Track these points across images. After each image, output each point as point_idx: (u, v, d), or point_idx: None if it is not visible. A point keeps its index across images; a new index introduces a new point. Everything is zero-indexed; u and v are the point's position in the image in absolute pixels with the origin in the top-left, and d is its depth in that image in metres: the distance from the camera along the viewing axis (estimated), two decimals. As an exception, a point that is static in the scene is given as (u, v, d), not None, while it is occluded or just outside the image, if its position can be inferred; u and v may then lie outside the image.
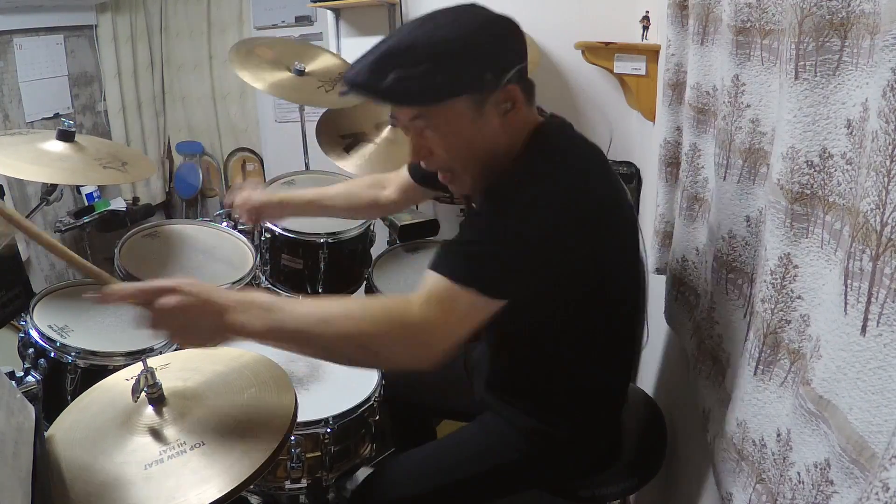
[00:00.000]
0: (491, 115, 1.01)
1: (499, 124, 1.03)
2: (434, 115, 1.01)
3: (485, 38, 0.98)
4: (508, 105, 1.02)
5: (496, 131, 1.03)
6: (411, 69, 0.93)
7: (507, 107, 1.02)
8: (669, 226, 1.44)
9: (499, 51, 1.00)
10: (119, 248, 1.74)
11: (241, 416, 0.99)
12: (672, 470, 1.45)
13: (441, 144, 1.04)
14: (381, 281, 1.90)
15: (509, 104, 1.02)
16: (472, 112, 1.00)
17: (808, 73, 0.68)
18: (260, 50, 2.25)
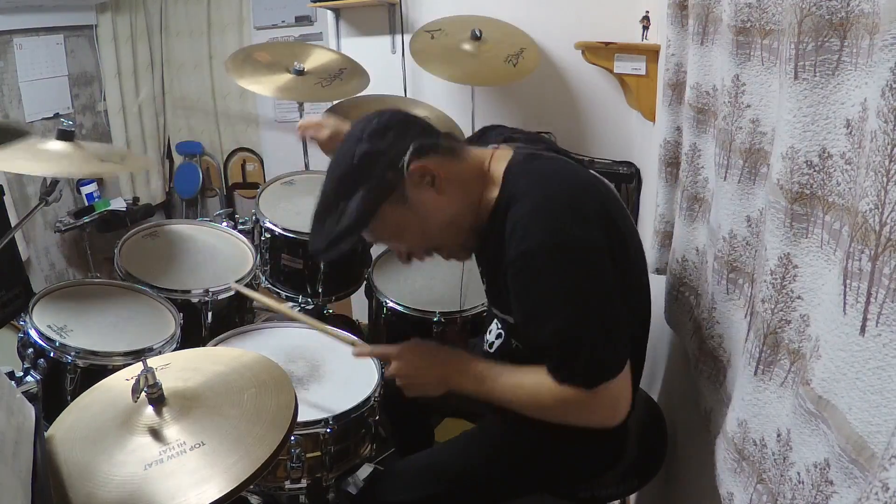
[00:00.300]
0: (420, 196, 1.06)
1: (434, 198, 1.07)
2: (377, 231, 1.10)
3: (365, 150, 1.04)
4: (429, 178, 1.06)
5: (437, 204, 1.07)
6: (333, 217, 1.05)
7: (428, 180, 1.06)
8: (669, 226, 1.44)
9: (383, 151, 1.04)
10: (119, 248, 1.74)
11: (241, 416, 0.99)
12: (672, 470, 1.45)
13: (406, 244, 1.14)
14: (381, 281, 1.90)
15: (429, 177, 1.05)
16: (401, 209, 1.06)
17: (807, 73, 0.68)
18: (258, 55, 2.25)
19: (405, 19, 2.63)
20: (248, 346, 1.48)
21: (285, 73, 2.23)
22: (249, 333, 1.56)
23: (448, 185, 1.07)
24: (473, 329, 1.74)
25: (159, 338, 1.48)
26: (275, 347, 1.49)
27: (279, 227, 1.92)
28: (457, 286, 1.87)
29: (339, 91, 2.23)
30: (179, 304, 1.64)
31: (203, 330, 1.71)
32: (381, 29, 2.68)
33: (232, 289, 1.69)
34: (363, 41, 2.75)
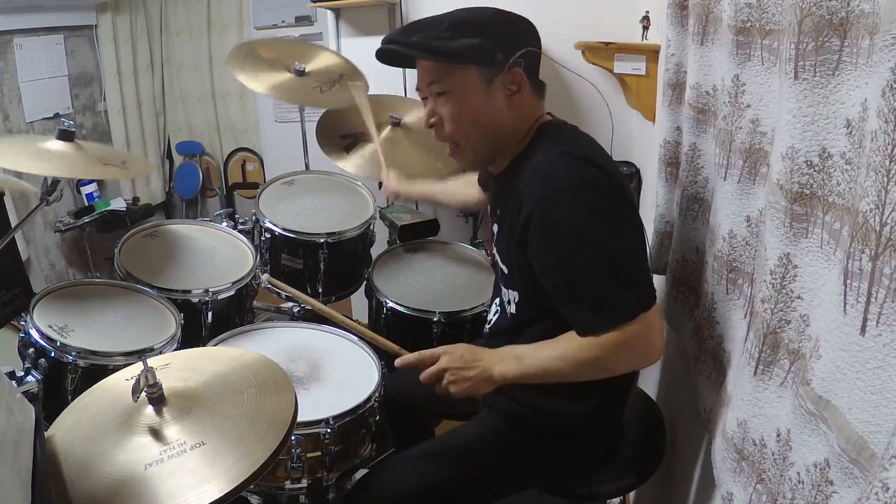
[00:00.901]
0: (497, 92, 1.14)
1: (504, 103, 1.15)
2: (448, 78, 1.14)
3: (501, 24, 1.14)
4: (514, 88, 1.14)
5: (500, 109, 1.15)
6: (434, 33, 1.12)
7: (514, 89, 1.14)
8: (669, 226, 1.44)
9: (511, 37, 1.14)
10: (119, 248, 1.74)
11: (241, 416, 0.99)
12: (672, 469, 1.45)
13: (449, 111, 1.17)
14: (381, 281, 1.90)
15: (514, 87, 1.14)
16: (481, 84, 1.13)
17: (807, 73, 0.68)
18: (261, 49, 2.25)
19: (405, 19, 2.63)
20: (249, 346, 1.48)
21: (286, 72, 2.22)
22: (249, 333, 1.55)
23: (518, 106, 1.16)
24: (473, 329, 1.74)
25: (160, 338, 1.48)
26: (275, 347, 1.49)
27: (279, 227, 1.92)
28: (456, 286, 1.87)
29: (336, 98, 2.22)
30: (179, 304, 1.64)
31: (203, 330, 1.71)
32: (381, 29, 2.67)
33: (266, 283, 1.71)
34: (363, 41, 2.75)
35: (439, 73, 1.15)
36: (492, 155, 1.22)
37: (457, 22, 1.12)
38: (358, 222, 1.98)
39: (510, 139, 1.19)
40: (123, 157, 1.62)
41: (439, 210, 2.72)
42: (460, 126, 1.18)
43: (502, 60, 1.12)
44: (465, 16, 1.13)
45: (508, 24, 1.15)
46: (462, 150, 1.21)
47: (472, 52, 1.10)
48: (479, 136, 1.18)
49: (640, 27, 2.05)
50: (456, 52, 1.11)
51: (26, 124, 3.39)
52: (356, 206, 2.08)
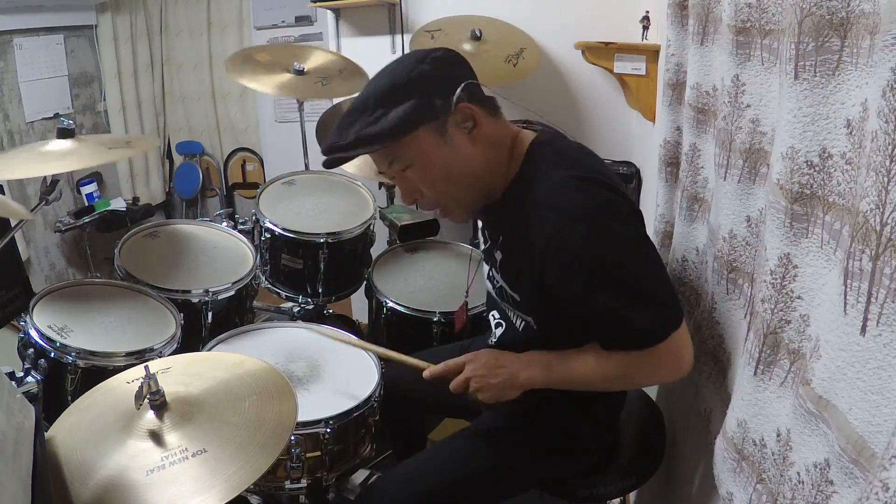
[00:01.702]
0: (456, 137, 1.07)
1: (468, 144, 1.08)
2: (403, 152, 1.07)
3: (425, 70, 1.05)
4: (470, 124, 1.07)
5: (467, 151, 1.08)
6: (368, 119, 1.04)
7: (469, 125, 1.08)
8: (669, 226, 1.44)
9: (441, 78, 1.06)
10: (119, 248, 1.74)
11: (243, 423, 0.99)
12: (672, 469, 1.45)
13: (422, 180, 1.10)
14: (381, 281, 1.90)
15: (470, 122, 1.07)
16: (436, 139, 1.06)
17: (807, 73, 0.68)
18: (258, 55, 2.26)
19: (405, 19, 2.63)
20: (249, 347, 1.48)
21: (286, 73, 2.23)
22: (249, 334, 1.55)
23: (482, 139, 1.09)
24: (473, 329, 1.74)
25: (160, 338, 1.48)
26: (275, 348, 1.49)
27: (279, 227, 1.92)
28: (456, 286, 1.87)
29: (338, 89, 2.23)
30: (179, 304, 1.64)
31: (203, 330, 1.71)
32: (381, 29, 2.67)
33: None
34: (363, 41, 2.75)
35: (393, 152, 1.08)
36: (482, 199, 1.16)
37: (381, 95, 1.04)
38: (358, 222, 1.99)
39: (494, 173, 1.13)
40: (127, 139, 1.62)
41: (439, 210, 2.72)
42: (438, 188, 1.11)
43: (444, 105, 1.04)
44: (386, 83, 1.06)
45: (432, 66, 1.06)
46: (451, 209, 1.16)
47: (410, 117, 1.03)
48: (461, 188, 1.12)
49: (640, 27, 2.05)
50: (395, 126, 1.03)
51: (26, 124, 3.40)
52: (356, 206, 2.09)
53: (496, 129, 1.12)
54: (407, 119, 1.02)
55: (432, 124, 1.05)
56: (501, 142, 1.12)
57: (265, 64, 2.23)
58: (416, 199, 1.15)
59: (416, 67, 1.05)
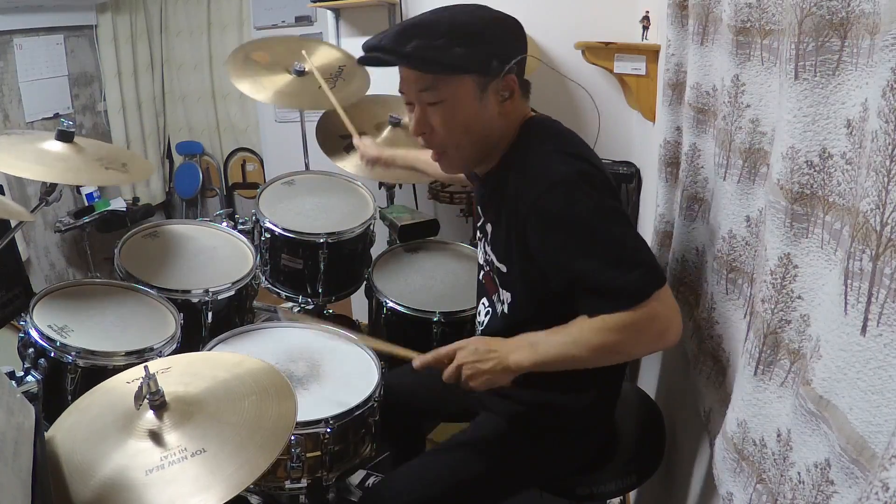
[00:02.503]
0: (491, 99, 1.13)
1: (496, 110, 1.14)
2: (442, 87, 1.11)
3: (497, 29, 1.11)
4: (507, 94, 1.13)
5: (493, 116, 1.14)
6: (432, 41, 1.06)
7: (506, 95, 1.13)
8: (669, 226, 1.44)
9: (506, 43, 1.12)
10: (119, 248, 1.74)
11: (243, 423, 0.99)
12: (672, 469, 1.45)
13: (441, 120, 1.14)
14: (381, 281, 1.90)
15: (507, 93, 1.13)
16: (475, 92, 1.11)
17: (807, 73, 0.68)
18: (256, 56, 2.24)
19: (405, 19, 2.63)
20: (249, 346, 1.48)
21: (285, 73, 2.22)
22: (249, 333, 1.55)
23: (508, 111, 1.15)
24: (473, 329, 1.74)
25: (160, 338, 1.48)
26: (275, 347, 1.49)
27: (279, 227, 1.92)
28: (456, 286, 1.87)
29: (342, 94, 2.22)
30: (179, 304, 1.64)
31: (203, 330, 1.71)
32: (380, 29, 2.65)
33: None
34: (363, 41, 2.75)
35: (432, 82, 1.11)
36: (480, 159, 1.21)
37: (455, 27, 1.07)
38: (358, 222, 1.99)
39: (499, 142, 1.18)
40: (124, 159, 1.61)
41: (439, 210, 2.72)
42: (452, 134, 1.15)
43: (498, 68, 1.09)
44: (463, 21, 1.09)
45: (504, 29, 1.12)
46: (450, 156, 1.20)
47: (469, 62, 1.07)
48: (470, 143, 1.17)
49: (640, 27, 2.05)
50: (453, 62, 1.07)
51: (26, 124, 3.39)
52: (356, 206, 2.09)
53: (520, 109, 1.19)
54: (465, 61, 1.07)
55: (481, 78, 1.10)
56: (518, 119, 1.19)
57: (264, 65, 2.22)
58: (424, 133, 1.17)
59: (493, 22, 1.11)
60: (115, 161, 1.58)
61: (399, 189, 2.55)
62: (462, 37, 1.07)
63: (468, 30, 1.08)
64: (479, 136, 1.16)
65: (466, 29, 1.08)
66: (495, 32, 1.11)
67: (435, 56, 1.06)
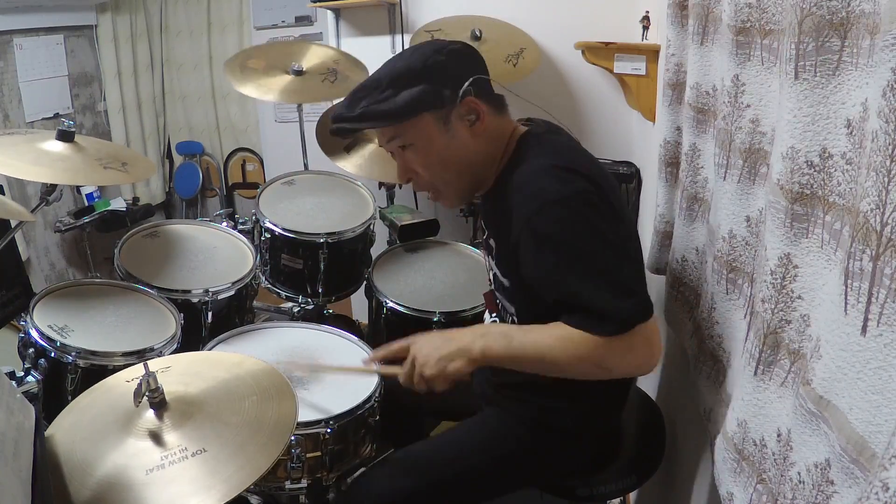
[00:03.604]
0: (458, 127, 1.13)
1: (467, 135, 1.13)
2: (405, 133, 1.13)
3: (439, 60, 1.10)
4: (472, 117, 1.13)
5: (466, 142, 1.13)
6: (377, 96, 1.09)
7: (472, 118, 1.13)
8: (669, 226, 1.44)
9: (452, 70, 1.11)
10: (119, 248, 1.74)
11: (243, 424, 0.99)
12: (672, 470, 1.45)
13: (419, 161, 1.15)
14: (381, 281, 1.90)
15: (473, 116, 1.13)
16: (438, 126, 1.12)
17: (807, 73, 0.68)
18: (251, 63, 2.25)
19: (405, 19, 2.63)
20: (249, 347, 1.48)
21: (284, 74, 2.22)
22: (249, 333, 1.55)
23: (483, 132, 1.14)
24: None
25: (160, 338, 1.48)
26: (275, 348, 1.49)
27: (279, 227, 1.92)
28: (456, 286, 1.87)
29: (342, 89, 2.22)
30: (179, 304, 1.64)
31: (203, 330, 1.71)
32: (381, 29, 2.67)
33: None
34: (363, 41, 2.75)
35: (395, 130, 1.14)
36: (473, 187, 1.21)
37: (394, 76, 1.10)
38: (358, 222, 1.99)
39: (487, 165, 1.17)
40: (124, 158, 1.61)
41: (439, 210, 2.72)
42: (434, 172, 1.16)
43: (451, 96, 1.10)
44: (401, 66, 1.11)
45: (446, 57, 1.11)
46: (443, 193, 1.21)
47: (418, 102, 1.08)
48: (455, 176, 1.17)
49: (640, 27, 2.05)
50: (402, 108, 1.08)
51: (26, 124, 3.39)
52: (356, 206, 2.09)
53: (498, 125, 1.17)
54: (413, 103, 1.08)
55: (437, 112, 1.11)
56: (500, 137, 1.17)
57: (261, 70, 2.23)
58: (410, 179, 1.20)
59: (431, 56, 1.10)
60: (115, 161, 1.58)
61: (399, 189, 2.55)
62: (404, 82, 1.08)
63: (408, 73, 1.09)
64: (460, 166, 1.16)
65: (406, 73, 1.09)
66: (438, 63, 1.10)
67: (384, 109, 1.09)
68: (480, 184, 1.20)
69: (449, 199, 1.22)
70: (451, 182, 1.18)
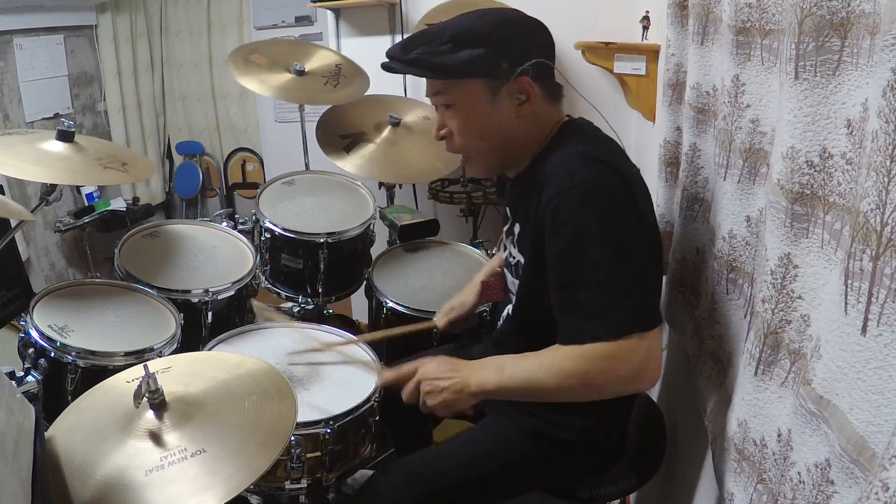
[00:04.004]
0: (504, 102, 1.10)
1: (513, 113, 1.11)
2: (452, 91, 1.11)
3: (506, 31, 1.08)
4: (522, 97, 1.10)
5: (509, 119, 1.12)
6: (436, 46, 1.07)
7: (522, 98, 1.10)
8: (669, 226, 1.44)
9: (517, 45, 1.08)
10: (119, 248, 1.74)
11: (243, 424, 0.99)
12: (673, 470, 1.45)
13: (457, 124, 1.14)
14: (381, 281, 1.90)
15: (523, 96, 1.10)
16: (486, 96, 1.10)
17: (808, 73, 0.68)
18: (255, 57, 2.25)
19: (405, 19, 2.63)
20: (249, 347, 1.48)
21: (286, 73, 2.22)
22: (249, 334, 1.55)
23: (528, 114, 1.12)
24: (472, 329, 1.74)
25: (160, 338, 1.47)
26: (275, 348, 1.49)
27: (279, 227, 1.92)
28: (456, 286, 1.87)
29: (341, 94, 2.22)
30: (179, 304, 1.63)
31: (203, 330, 1.71)
32: (381, 29, 2.67)
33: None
34: (363, 41, 2.75)
35: (443, 86, 1.12)
36: (504, 164, 1.20)
37: (458, 32, 1.07)
38: (358, 222, 1.98)
39: (524, 147, 1.16)
40: (124, 158, 1.61)
41: (439, 210, 2.72)
42: (469, 138, 1.15)
43: (507, 70, 1.07)
44: (468, 25, 1.08)
45: (515, 30, 1.09)
46: (473, 161, 1.20)
47: (472, 66, 1.06)
48: (489, 148, 1.16)
49: (640, 27, 2.05)
50: (456, 66, 1.06)
51: (26, 124, 3.39)
52: (356, 206, 2.08)
53: (546, 112, 1.15)
54: (469, 65, 1.06)
55: (489, 81, 1.08)
56: (545, 123, 1.16)
57: (263, 66, 2.23)
58: (444, 137, 1.18)
59: (501, 24, 1.08)
60: (115, 161, 1.58)
61: (399, 189, 2.55)
62: (466, 41, 1.06)
63: (473, 33, 1.06)
64: (496, 139, 1.14)
65: (471, 33, 1.07)
66: (505, 34, 1.08)
67: (438, 61, 1.06)
68: (513, 162, 1.19)
69: (477, 167, 1.21)
70: (483, 152, 1.17)
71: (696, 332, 1.21)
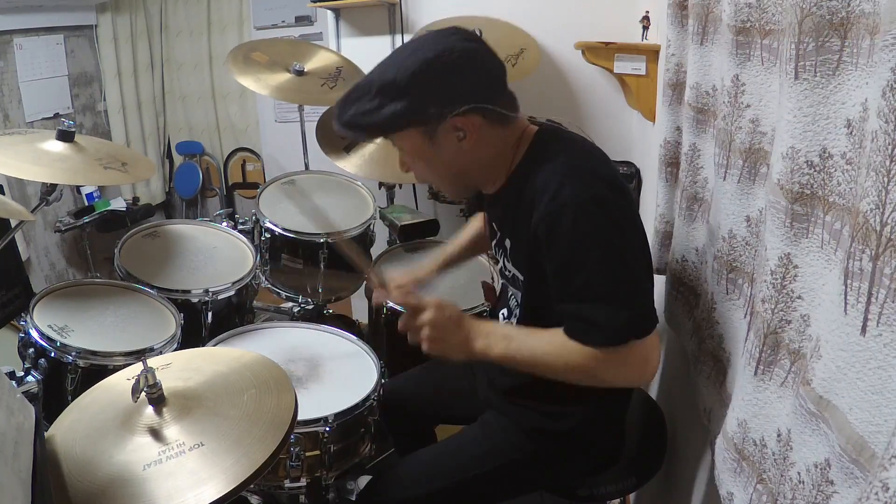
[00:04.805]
0: (445, 140, 1.08)
1: (456, 148, 1.09)
2: (393, 139, 1.12)
3: (429, 75, 1.03)
4: (461, 133, 1.07)
5: (455, 154, 1.09)
6: (365, 105, 1.05)
7: (461, 135, 1.07)
8: (669, 226, 1.44)
9: (441, 87, 1.04)
10: (119, 248, 1.74)
11: (241, 417, 0.99)
12: (672, 470, 1.45)
13: (411, 162, 1.16)
14: (381, 281, 1.90)
15: (461, 133, 1.07)
16: (424, 140, 1.08)
17: (807, 73, 0.68)
18: (256, 55, 2.25)
19: (405, 19, 2.63)
20: (248, 347, 1.48)
21: (285, 72, 2.22)
22: (249, 333, 1.56)
23: (476, 143, 1.09)
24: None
25: (160, 338, 1.48)
26: (274, 347, 1.49)
27: (279, 227, 1.92)
28: (456, 286, 1.87)
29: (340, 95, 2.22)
30: (179, 304, 1.64)
31: (203, 330, 1.71)
32: (381, 29, 2.67)
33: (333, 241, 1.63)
34: (363, 41, 2.75)
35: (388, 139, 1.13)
36: (470, 189, 1.21)
37: (383, 85, 1.04)
38: (358, 222, 1.99)
39: (488, 170, 1.15)
40: (124, 158, 1.61)
41: (439, 210, 2.72)
42: (426, 174, 1.17)
43: (437, 113, 1.04)
44: (390, 76, 1.03)
45: (437, 73, 1.03)
46: (440, 188, 1.22)
47: (400, 119, 1.04)
48: (448, 180, 1.18)
49: (640, 27, 2.05)
50: (382, 124, 1.05)
51: (26, 124, 3.39)
52: (356, 206, 2.09)
53: (497, 134, 1.11)
54: (395, 120, 1.04)
55: (421, 128, 1.07)
56: (502, 144, 1.13)
57: (264, 64, 2.23)
58: (407, 171, 1.19)
59: (424, 69, 1.02)
60: (115, 161, 1.58)
61: (399, 189, 2.55)
62: (391, 93, 1.03)
63: (395, 84, 1.03)
64: (451, 172, 1.14)
65: (393, 84, 1.03)
66: (427, 78, 1.03)
67: (367, 122, 1.06)
68: (482, 184, 1.20)
69: (446, 193, 1.24)
70: (444, 184, 1.20)
71: (695, 332, 1.21)
